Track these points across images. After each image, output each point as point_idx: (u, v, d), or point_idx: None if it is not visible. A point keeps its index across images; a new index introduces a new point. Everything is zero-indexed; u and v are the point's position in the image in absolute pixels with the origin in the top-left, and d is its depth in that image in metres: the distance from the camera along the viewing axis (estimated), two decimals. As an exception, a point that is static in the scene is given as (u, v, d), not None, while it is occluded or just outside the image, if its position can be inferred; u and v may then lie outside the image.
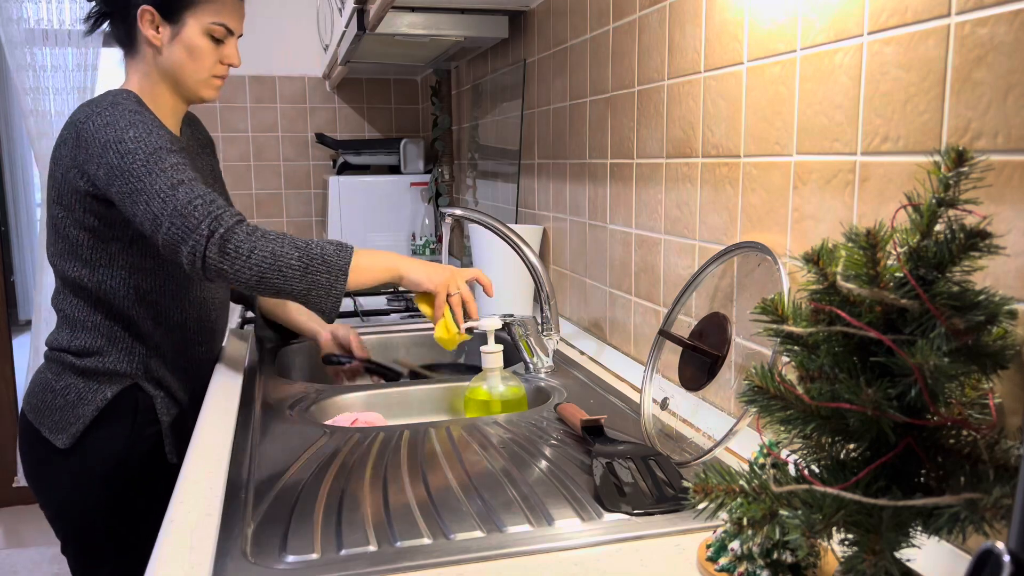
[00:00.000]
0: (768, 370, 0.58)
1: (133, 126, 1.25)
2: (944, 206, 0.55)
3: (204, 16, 1.35)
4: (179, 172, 1.23)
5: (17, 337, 3.60)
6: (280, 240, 1.20)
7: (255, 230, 1.20)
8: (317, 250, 1.20)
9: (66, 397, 1.36)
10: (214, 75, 1.40)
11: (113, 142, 1.24)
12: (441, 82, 2.86)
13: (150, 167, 1.22)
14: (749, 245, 1.00)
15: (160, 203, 1.20)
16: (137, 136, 1.24)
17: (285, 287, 1.19)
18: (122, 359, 1.37)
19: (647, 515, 0.84)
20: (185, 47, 1.35)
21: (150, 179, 1.21)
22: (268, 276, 1.18)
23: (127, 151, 1.23)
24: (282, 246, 1.19)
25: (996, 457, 0.53)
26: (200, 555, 0.77)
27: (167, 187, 1.21)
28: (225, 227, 1.18)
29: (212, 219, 1.18)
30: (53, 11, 2.99)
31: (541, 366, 1.43)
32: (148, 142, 1.24)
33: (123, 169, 1.22)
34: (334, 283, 1.20)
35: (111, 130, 1.25)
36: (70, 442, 1.34)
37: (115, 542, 1.39)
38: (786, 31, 0.92)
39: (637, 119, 1.33)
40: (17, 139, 5.60)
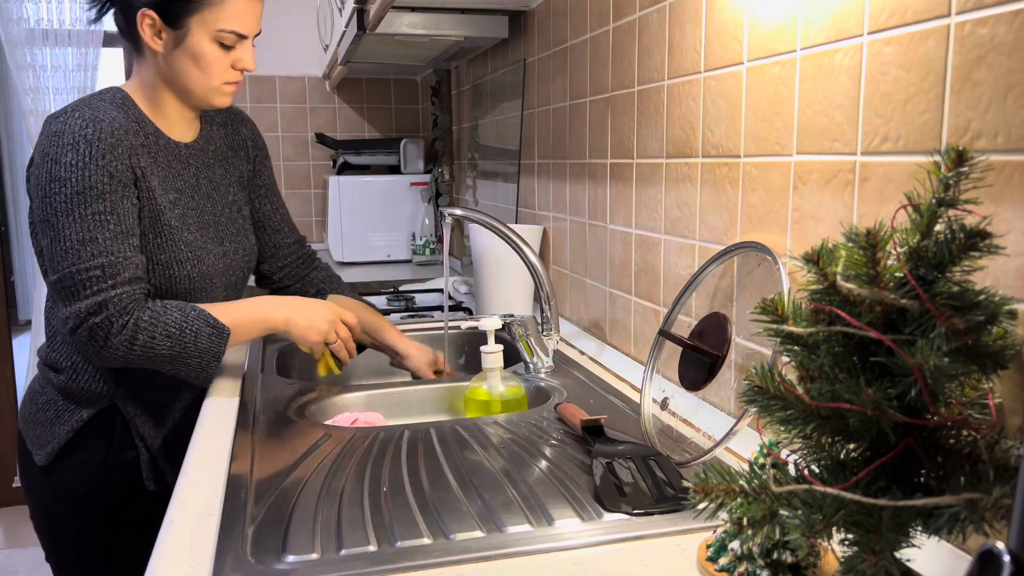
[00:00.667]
0: (768, 370, 0.58)
1: (75, 147, 1.16)
2: (944, 206, 0.55)
3: (211, 22, 1.21)
4: (97, 225, 1.16)
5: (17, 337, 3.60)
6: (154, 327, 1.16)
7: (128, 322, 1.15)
8: (190, 337, 1.18)
9: (46, 413, 1.32)
10: (226, 82, 1.27)
11: (50, 159, 1.16)
12: (441, 82, 2.86)
13: (70, 207, 1.15)
14: (749, 245, 1.00)
15: (62, 251, 1.15)
16: (73, 163, 1.15)
17: (154, 367, 1.20)
18: (97, 378, 1.30)
19: (647, 515, 0.84)
20: (191, 56, 1.23)
21: (66, 220, 1.15)
22: (135, 362, 1.18)
23: (57, 176, 1.16)
24: (153, 336, 1.16)
25: (996, 457, 0.53)
26: (200, 555, 0.77)
27: (77, 240, 1.15)
28: (103, 316, 1.14)
29: (96, 303, 1.14)
30: (53, 11, 2.99)
31: (541, 366, 1.43)
32: (80, 176, 1.15)
33: (45, 193, 1.16)
34: (205, 367, 1.21)
35: (55, 142, 1.17)
36: (46, 460, 1.31)
37: (98, 551, 1.36)
38: (786, 31, 0.92)
39: (637, 119, 1.33)
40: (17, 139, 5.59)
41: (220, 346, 1.20)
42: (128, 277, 1.18)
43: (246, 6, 1.25)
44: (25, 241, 5.71)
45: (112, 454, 1.33)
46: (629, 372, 1.38)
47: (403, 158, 3.11)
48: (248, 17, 1.25)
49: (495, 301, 1.83)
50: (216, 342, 1.20)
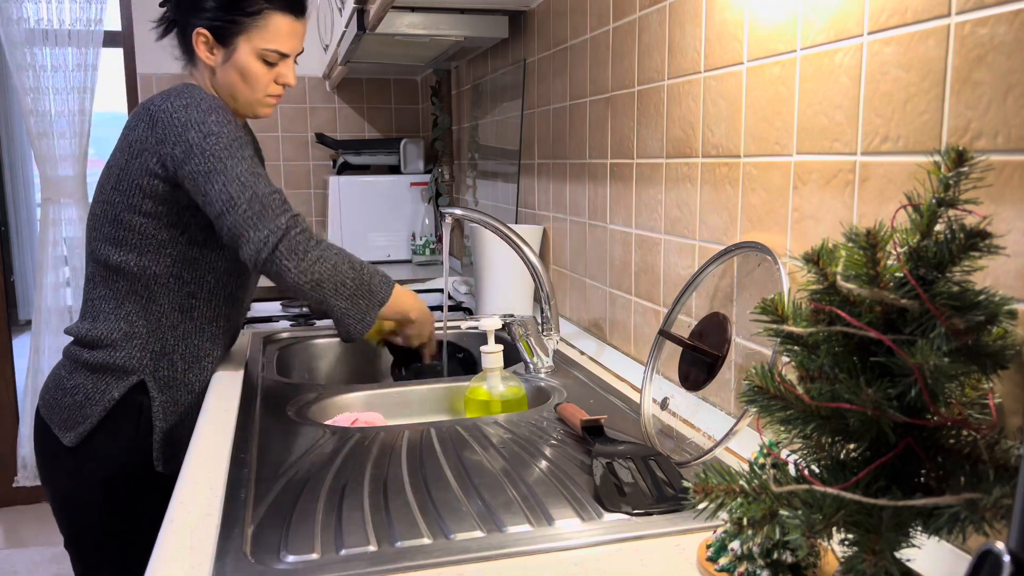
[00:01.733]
0: (768, 370, 0.58)
1: (214, 111, 1.28)
2: (944, 206, 0.55)
3: (256, 41, 1.35)
4: (256, 165, 1.28)
5: (17, 337, 3.60)
6: (341, 254, 1.30)
7: (321, 239, 1.28)
8: (367, 276, 1.32)
9: (74, 397, 1.37)
10: (269, 94, 1.40)
11: (195, 123, 1.27)
12: (441, 82, 2.86)
13: (232, 152, 1.26)
14: (749, 245, 1.00)
15: (239, 186, 1.24)
16: (219, 120, 1.27)
17: (331, 301, 1.29)
18: (133, 354, 1.37)
19: (647, 515, 0.84)
20: (238, 70, 1.36)
21: (232, 162, 1.25)
22: (323, 285, 1.27)
23: (210, 132, 1.26)
24: (342, 261, 1.29)
25: (996, 457, 0.53)
26: (200, 555, 0.77)
27: (248, 174, 1.25)
28: (301, 227, 1.25)
29: (290, 216, 1.25)
30: (53, 11, 2.99)
31: (541, 366, 1.43)
32: (230, 130, 1.28)
33: (204, 148, 1.25)
34: (368, 311, 1.32)
35: (192, 111, 1.28)
36: (76, 441, 1.36)
37: (115, 541, 1.40)
38: (786, 31, 0.92)
39: (637, 119, 1.33)
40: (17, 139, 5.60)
41: (387, 293, 1.34)
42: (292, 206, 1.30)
43: (288, 28, 1.37)
44: (25, 241, 5.71)
45: (140, 432, 1.38)
46: (629, 372, 1.38)
47: (403, 158, 3.11)
48: (290, 38, 1.38)
49: (495, 301, 1.83)
50: (384, 289, 1.34)
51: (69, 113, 3.04)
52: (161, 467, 1.39)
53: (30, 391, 3.16)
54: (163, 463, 1.39)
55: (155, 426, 1.38)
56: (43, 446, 1.42)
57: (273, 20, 1.35)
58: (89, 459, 1.37)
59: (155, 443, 1.39)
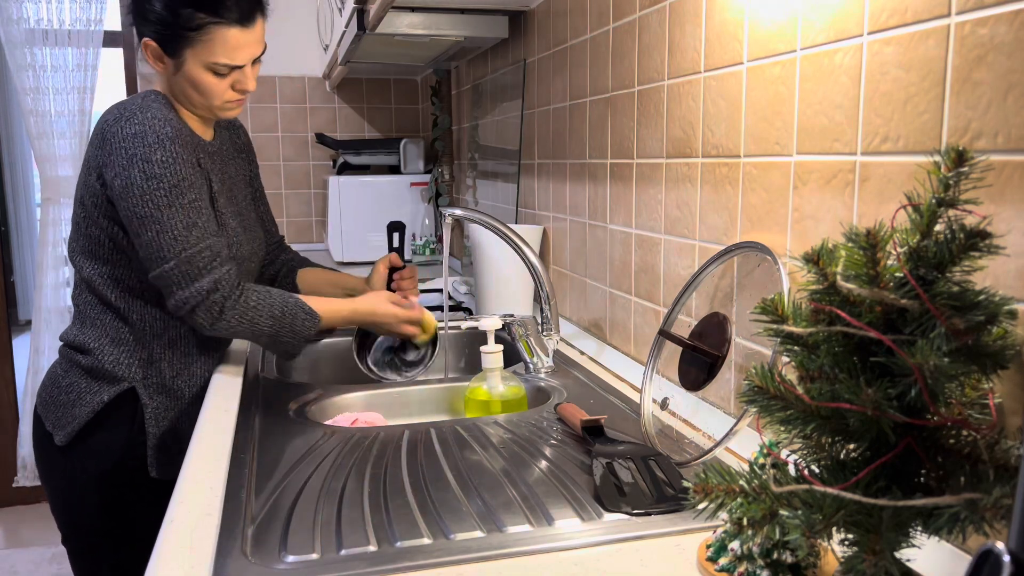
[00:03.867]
0: (768, 370, 0.58)
1: (161, 146, 1.25)
2: (944, 206, 0.55)
3: (203, 55, 1.28)
4: (194, 212, 1.27)
5: (17, 337, 3.60)
6: (258, 309, 1.30)
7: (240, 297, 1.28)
8: (288, 319, 1.32)
9: (68, 395, 1.37)
10: (227, 101, 1.35)
11: (140, 159, 1.24)
12: (441, 82, 2.86)
13: (172, 199, 1.25)
14: (749, 245, 1.00)
15: (170, 240, 1.25)
16: (164, 160, 1.25)
17: (253, 341, 1.35)
18: (121, 360, 1.37)
19: (647, 515, 0.84)
20: (189, 82, 1.32)
21: (170, 212, 1.25)
22: (241, 335, 1.32)
23: (152, 175, 1.24)
24: (259, 315, 1.30)
25: (996, 457, 0.53)
26: (200, 555, 0.77)
27: (182, 226, 1.25)
28: (220, 293, 1.27)
29: (213, 280, 1.26)
30: (53, 11, 2.99)
31: (541, 366, 1.43)
32: (174, 171, 1.25)
33: (144, 191, 1.24)
34: (296, 346, 1.36)
35: (139, 144, 1.24)
36: (66, 440, 1.36)
37: (110, 540, 1.40)
38: (786, 31, 0.92)
39: (637, 119, 1.33)
40: (17, 139, 5.60)
41: (311, 329, 1.34)
42: (226, 256, 1.30)
43: (236, 40, 1.29)
44: (25, 241, 5.71)
45: (133, 435, 1.38)
46: (629, 372, 1.38)
47: (403, 158, 3.11)
48: (239, 50, 1.30)
49: (495, 301, 1.83)
50: (308, 326, 1.34)
51: (69, 113, 3.04)
52: (155, 472, 1.38)
53: (30, 391, 3.16)
54: (156, 468, 1.38)
55: (148, 431, 1.37)
56: (39, 443, 1.42)
57: (218, 34, 1.27)
58: (81, 458, 1.37)
59: (149, 448, 1.38)
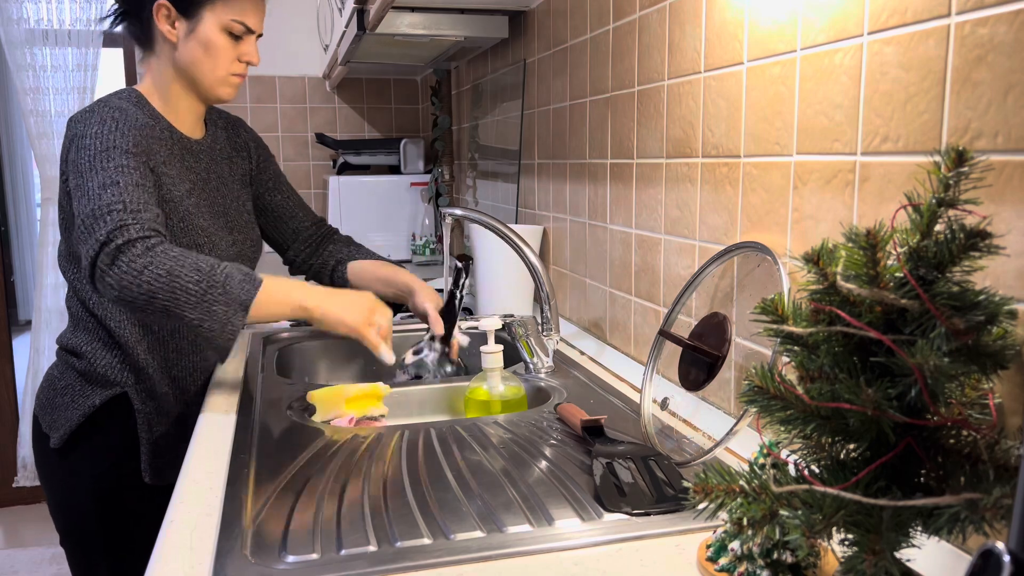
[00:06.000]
0: (768, 370, 0.58)
1: (101, 123, 1.23)
2: (944, 206, 0.55)
3: (222, 12, 1.30)
4: (119, 173, 1.17)
5: (17, 337, 3.60)
6: (182, 259, 1.10)
7: (157, 246, 1.11)
8: (220, 276, 1.11)
9: (63, 397, 1.37)
10: (232, 73, 1.35)
11: (77, 137, 1.23)
12: (441, 82, 2.86)
13: (94, 164, 1.18)
14: (749, 245, 1.00)
15: (86, 201, 1.15)
16: (97, 133, 1.21)
17: (176, 311, 1.09)
18: (113, 364, 1.36)
19: (647, 515, 0.84)
20: (201, 43, 1.31)
21: (90, 175, 1.18)
22: (158, 296, 1.08)
23: (83, 146, 1.21)
24: (182, 266, 1.09)
25: (996, 457, 0.53)
26: (200, 555, 0.77)
27: (98, 186, 1.16)
28: (124, 238, 1.10)
29: (116, 226, 1.10)
30: (53, 11, 2.99)
31: (541, 366, 1.43)
32: (104, 139, 1.20)
33: (76, 163, 1.21)
34: (231, 317, 1.11)
35: (82, 126, 1.24)
36: (59, 443, 1.36)
37: (107, 542, 1.39)
38: (786, 31, 0.92)
39: (637, 119, 1.33)
40: (17, 139, 5.60)
41: (250, 294, 1.11)
42: (149, 217, 1.15)
43: (253, 1, 1.34)
44: (25, 241, 5.71)
45: (127, 440, 1.37)
46: (629, 372, 1.38)
47: (403, 158, 3.11)
48: (256, 13, 1.35)
49: (495, 301, 1.83)
50: (246, 289, 1.12)
51: (69, 113, 3.04)
52: (148, 478, 1.38)
53: (30, 391, 3.16)
54: (150, 474, 1.38)
55: (141, 436, 1.37)
56: (38, 445, 1.42)
57: None
58: (76, 461, 1.37)
59: (143, 454, 1.37)
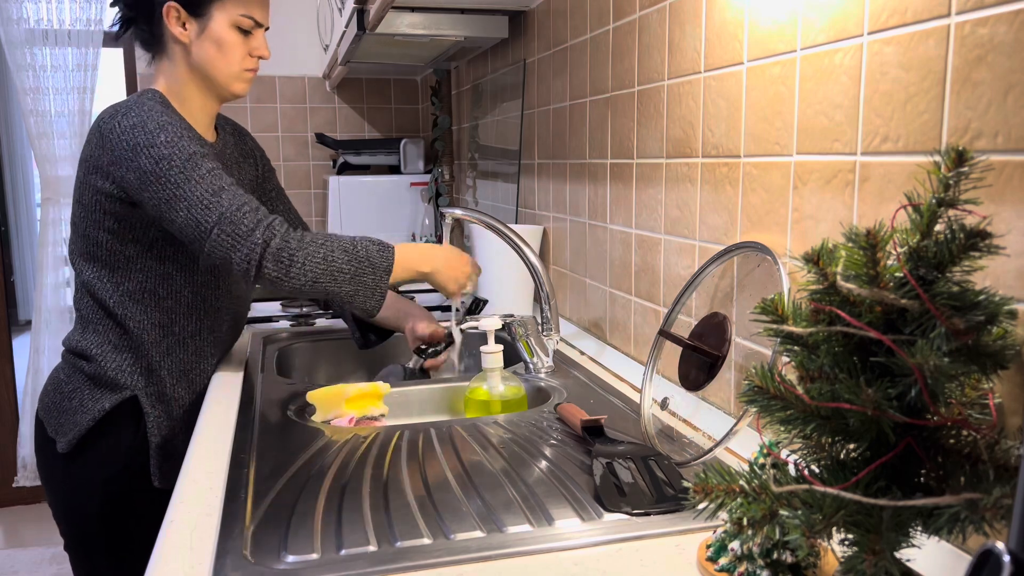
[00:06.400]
0: (768, 370, 0.58)
1: (163, 129, 1.24)
2: (944, 206, 0.55)
3: (231, 8, 1.33)
4: (217, 178, 1.23)
5: (17, 337, 3.60)
6: (328, 244, 1.23)
7: (304, 236, 1.22)
8: (363, 252, 1.25)
9: (71, 401, 1.36)
10: (245, 68, 1.37)
11: (144, 146, 1.22)
12: (441, 82, 2.86)
13: (188, 174, 1.21)
14: (749, 245, 1.00)
15: (203, 210, 1.20)
16: (169, 140, 1.23)
17: (335, 289, 1.23)
18: (124, 367, 1.35)
19: (647, 515, 0.84)
20: (213, 41, 1.33)
21: (189, 186, 1.21)
22: (321, 281, 1.22)
23: (161, 156, 1.22)
24: (332, 251, 1.22)
25: (996, 457, 0.53)
26: (200, 555, 0.77)
27: (209, 194, 1.21)
28: (279, 236, 1.20)
29: (264, 228, 1.20)
30: (53, 11, 2.98)
31: (541, 366, 1.43)
32: (182, 147, 1.23)
33: (158, 175, 1.21)
34: (378, 283, 1.26)
35: (139, 133, 1.23)
36: (67, 448, 1.34)
37: (113, 547, 1.38)
38: (786, 31, 0.92)
39: (637, 119, 1.33)
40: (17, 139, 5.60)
41: (389, 259, 1.26)
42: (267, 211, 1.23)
43: None
44: (25, 241, 5.71)
45: (136, 444, 1.36)
46: (629, 372, 1.38)
47: (403, 158, 3.11)
48: (262, 6, 1.38)
49: (495, 301, 1.83)
50: (385, 256, 1.27)
51: (69, 113, 3.04)
52: (158, 482, 1.37)
53: (30, 391, 3.16)
54: (160, 478, 1.37)
55: (151, 441, 1.36)
56: (41, 449, 1.41)
57: None
58: (84, 466, 1.36)
59: (152, 457, 1.36)
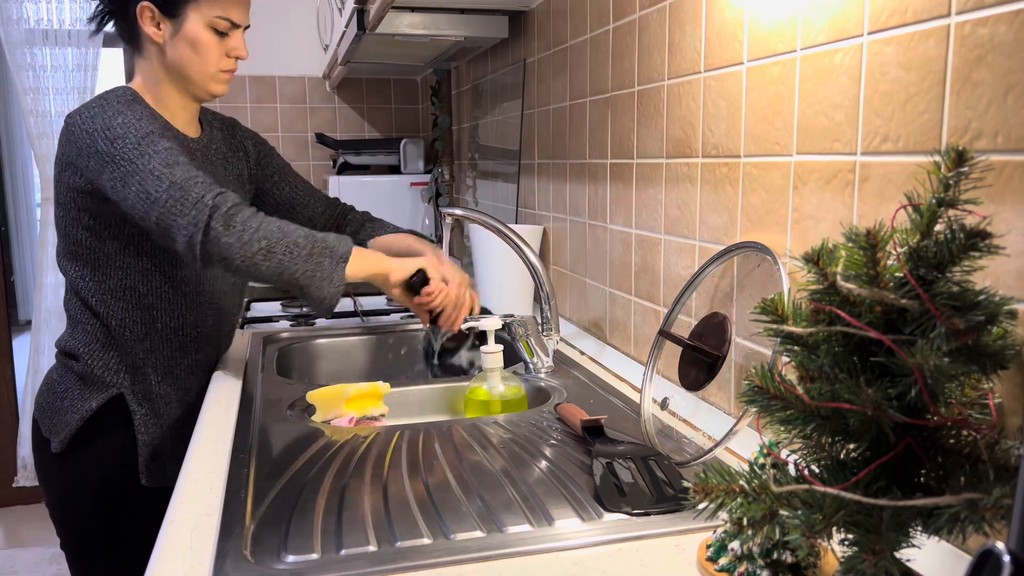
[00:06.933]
0: (768, 370, 0.58)
1: (121, 114, 1.22)
2: (944, 206, 0.55)
3: (206, 9, 1.30)
4: (173, 155, 1.19)
5: (17, 337, 3.60)
6: (283, 223, 1.19)
7: (259, 211, 1.19)
8: (320, 236, 1.20)
9: (62, 401, 1.36)
10: (222, 69, 1.35)
11: (100, 130, 1.21)
12: (441, 82, 2.86)
13: (142, 149, 1.18)
14: (749, 245, 1.00)
15: (155, 181, 1.16)
16: (126, 122, 1.21)
17: (290, 266, 1.16)
18: (110, 366, 1.35)
19: (647, 515, 0.84)
20: (188, 42, 1.30)
21: (143, 160, 1.17)
22: (275, 250, 1.15)
23: (116, 136, 1.20)
24: (287, 226, 1.18)
25: (996, 457, 0.53)
26: (200, 555, 0.77)
27: (161, 165, 1.17)
28: (232, 202, 1.16)
29: (216, 194, 1.15)
30: (53, 11, 2.99)
31: (541, 366, 1.43)
32: (138, 127, 1.21)
33: (113, 155, 1.19)
34: (335, 269, 1.18)
35: (98, 119, 1.22)
36: (60, 448, 1.35)
37: (107, 546, 1.38)
38: (786, 31, 0.92)
39: (637, 119, 1.33)
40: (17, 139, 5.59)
41: (347, 248, 1.21)
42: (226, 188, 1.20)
43: None
44: (25, 241, 5.71)
45: (127, 442, 1.36)
46: (629, 372, 1.38)
47: (403, 158, 3.11)
48: (240, 7, 1.34)
49: (495, 301, 1.83)
50: (343, 244, 1.21)
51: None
52: (146, 480, 1.36)
53: (30, 391, 3.16)
54: (147, 476, 1.36)
55: (138, 439, 1.35)
56: (37, 449, 1.41)
57: None
58: (77, 466, 1.36)
59: (140, 457, 1.36)
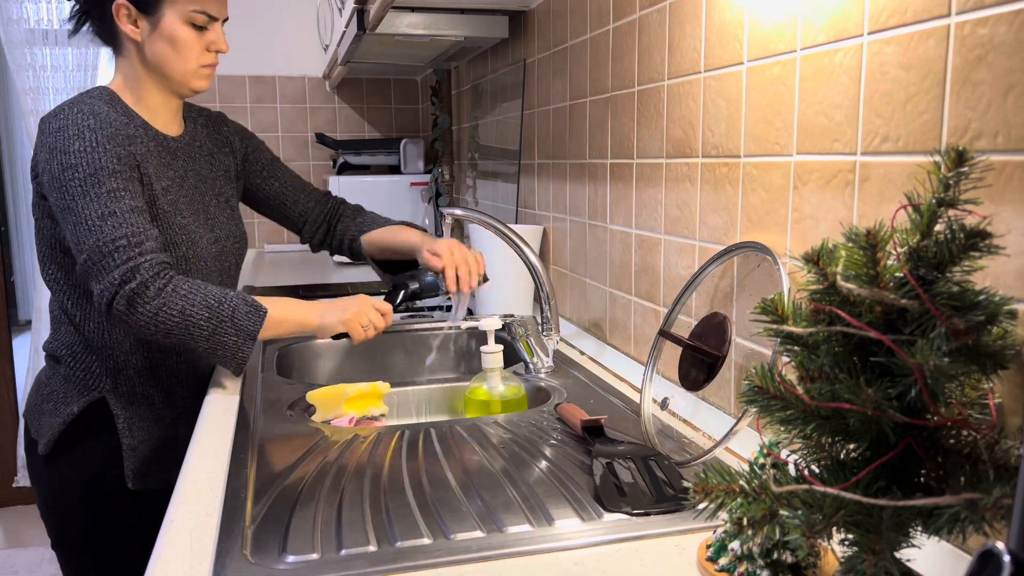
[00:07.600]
0: (768, 370, 0.58)
1: (80, 136, 1.21)
2: (944, 206, 0.55)
3: (182, 4, 1.28)
4: (114, 201, 1.20)
5: (17, 337, 3.60)
6: (192, 296, 1.19)
7: (167, 285, 1.18)
8: (228, 310, 1.20)
9: (47, 403, 1.36)
10: (202, 64, 1.33)
11: (59, 151, 1.21)
12: (441, 82, 2.86)
13: (86, 188, 1.19)
14: (749, 245, 1.00)
15: (85, 230, 1.18)
16: (82, 150, 1.21)
17: (190, 344, 1.21)
18: (92, 369, 1.34)
19: (647, 515, 0.84)
20: (166, 39, 1.29)
21: (83, 201, 1.19)
22: (173, 334, 1.19)
23: (68, 165, 1.20)
24: (192, 304, 1.19)
25: (996, 457, 0.53)
26: (200, 555, 0.77)
27: (96, 216, 1.18)
28: (138, 281, 1.16)
29: (128, 269, 1.17)
30: (53, 11, 2.98)
31: (541, 366, 1.43)
32: (91, 159, 1.20)
33: (61, 183, 1.20)
34: (241, 346, 1.22)
35: (60, 136, 1.22)
36: (46, 450, 1.35)
37: (95, 548, 1.38)
38: (786, 31, 0.92)
39: (637, 119, 1.33)
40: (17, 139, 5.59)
41: (256, 324, 1.22)
42: (152, 247, 1.21)
43: None
44: (25, 241, 5.71)
45: (112, 446, 1.35)
46: (629, 372, 1.38)
47: (403, 158, 3.11)
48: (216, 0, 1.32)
49: (495, 301, 1.83)
50: (253, 320, 1.22)
51: (69, 113, 3.04)
52: (131, 484, 1.34)
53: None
54: (133, 480, 1.35)
55: (123, 443, 1.34)
56: (28, 450, 1.41)
57: None
58: (63, 468, 1.35)
59: (125, 461, 1.34)
